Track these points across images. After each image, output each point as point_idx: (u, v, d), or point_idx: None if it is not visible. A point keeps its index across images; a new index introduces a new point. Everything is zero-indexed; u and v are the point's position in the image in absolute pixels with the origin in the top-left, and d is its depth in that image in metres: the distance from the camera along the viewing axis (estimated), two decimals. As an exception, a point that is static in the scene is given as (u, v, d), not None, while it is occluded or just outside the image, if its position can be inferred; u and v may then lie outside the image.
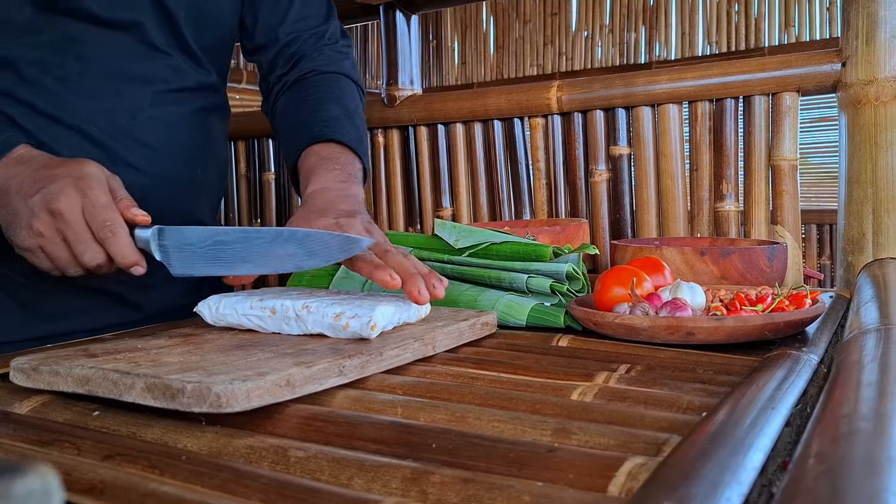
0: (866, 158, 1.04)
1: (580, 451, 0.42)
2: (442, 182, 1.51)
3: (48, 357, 0.60)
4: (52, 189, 0.70)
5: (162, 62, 0.97)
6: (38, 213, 0.70)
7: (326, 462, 0.43)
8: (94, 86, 0.91)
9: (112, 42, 0.92)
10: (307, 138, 0.97)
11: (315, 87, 1.06)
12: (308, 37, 1.09)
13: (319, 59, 1.09)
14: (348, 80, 1.10)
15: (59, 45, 0.90)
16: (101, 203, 0.70)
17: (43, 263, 0.74)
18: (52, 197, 0.70)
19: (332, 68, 1.09)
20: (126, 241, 0.71)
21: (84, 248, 0.71)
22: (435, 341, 0.69)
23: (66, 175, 0.71)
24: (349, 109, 1.03)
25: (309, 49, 1.09)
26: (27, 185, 0.72)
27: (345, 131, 0.98)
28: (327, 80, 1.07)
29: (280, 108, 1.08)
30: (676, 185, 1.26)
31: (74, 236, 0.70)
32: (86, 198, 0.70)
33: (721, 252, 0.93)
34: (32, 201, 0.71)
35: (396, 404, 0.53)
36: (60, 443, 0.48)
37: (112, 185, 0.73)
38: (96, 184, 0.71)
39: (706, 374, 0.62)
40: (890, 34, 1.02)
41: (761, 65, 1.19)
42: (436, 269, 0.96)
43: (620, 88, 1.29)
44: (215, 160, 1.08)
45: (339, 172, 0.91)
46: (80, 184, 0.71)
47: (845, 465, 0.31)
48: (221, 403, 0.48)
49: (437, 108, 1.49)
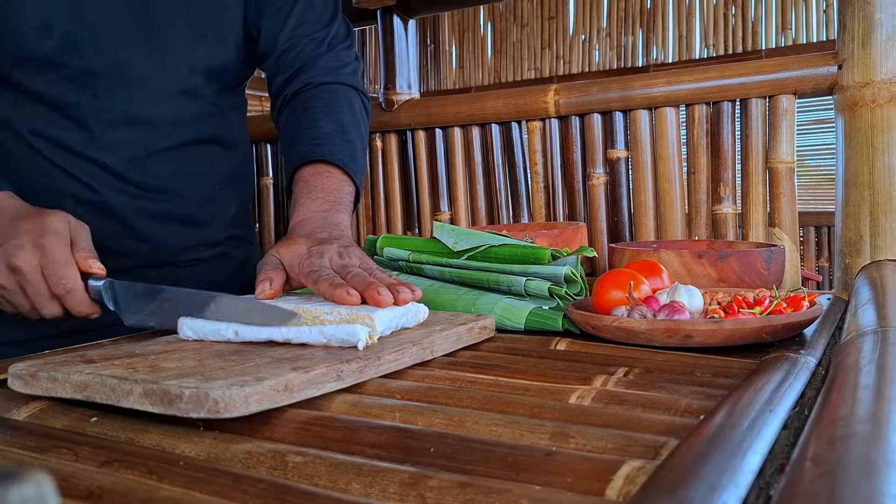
0: (863, 161, 1.04)
1: (578, 454, 0.42)
2: (440, 186, 1.51)
3: (46, 363, 0.60)
4: (13, 244, 0.74)
5: (176, 91, 0.99)
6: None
7: (324, 467, 0.43)
8: (110, 120, 0.95)
9: (127, 78, 0.95)
10: (297, 157, 0.99)
11: (310, 102, 1.06)
12: (307, 42, 1.09)
13: (317, 69, 1.08)
14: (346, 89, 1.09)
15: (77, 81, 0.93)
16: (58, 260, 0.74)
17: (6, 308, 0.78)
18: (12, 252, 0.74)
19: (328, 78, 1.08)
20: (80, 298, 0.75)
21: (42, 302, 0.75)
22: (433, 345, 0.69)
23: (28, 230, 0.75)
24: (343, 124, 1.03)
25: (308, 56, 1.09)
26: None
27: (335, 149, 0.99)
28: (323, 92, 1.07)
29: (281, 123, 1.10)
30: (674, 188, 1.26)
31: (33, 291, 0.74)
32: (44, 255, 0.74)
33: (719, 255, 0.93)
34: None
35: (394, 409, 0.53)
36: (58, 449, 0.48)
37: (75, 236, 0.77)
38: (56, 240, 0.74)
39: (704, 376, 0.62)
40: (886, 37, 1.03)
41: (758, 68, 1.20)
42: (434, 272, 0.96)
43: (618, 92, 1.29)
44: (236, 161, 1.11)
45: (321, 202, 0.93)
46: (40, 240, 0.74)
47: (842, 468, 0.31)
48: (219, 409, 0.48)
49: (435, 112, 1.49)
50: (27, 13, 0.89)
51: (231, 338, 0.67)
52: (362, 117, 1.09)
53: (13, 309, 0.78)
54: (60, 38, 0.90)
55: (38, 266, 0.74)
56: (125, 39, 0.95)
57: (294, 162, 1.00)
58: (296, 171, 0.99)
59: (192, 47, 1.00)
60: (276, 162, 1.76)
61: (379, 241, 1.03)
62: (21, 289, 0.75)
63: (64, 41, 0.91)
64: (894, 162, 1.02)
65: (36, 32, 0.89)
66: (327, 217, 0.91)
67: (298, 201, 0.94)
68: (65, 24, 0.90)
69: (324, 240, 0.83)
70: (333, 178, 0.97)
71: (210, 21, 1.01)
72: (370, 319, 0.63)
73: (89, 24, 0.92)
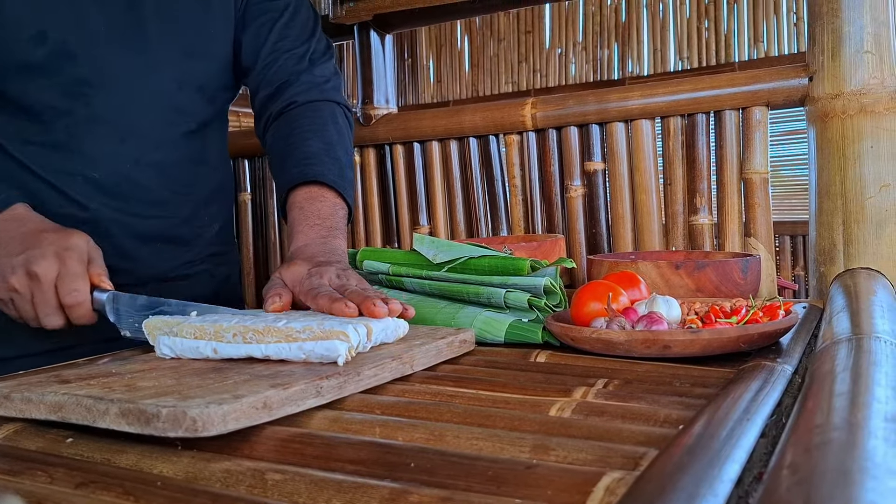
0: (835, 171, 1.06)
1: (558, 466, 0.42)
2: (419, 200, 1.52)
3: (20, 384, 0.59)
4: (36, 253, 0.78)
5: (165, 106, 1.00)
6: (17, 271, 0.79)
7: (304, 484, 0.43)
8: (101, 132, 0.96)
9: (119, 90, 0.96)
10: (289, 179, 1.01)
11: (296, 121, 1.07)
12: (288, 57, 1.10)
13: (300, 84, 1.09)
14: (330, 105, 1.10)
15: (69, 89, 0.93)
16: (75, 272, 0.79)
17: (9, 312, 0.82)
18: (33, 260, 0.78)
19: (312, 96, 1.09)
20: (85, 311, 0.80)
21: (46, 312, 0.79)
22: (413, 360, 0.69)
23: (51, 242, 0.79)
24: (330, 142, 1.05)
25: (290, 72, 1.09)
26: (15, 243, 0.80)
27: (326, 169, 1.00)
28: (308, 110, 1.08)
29: (268, 143, 1.11)
30: (651, 199, 1.27)
31: (42, 300, 0.79)
32: (63, 266, 0.78)
33: (696, 265, 0.94)
34: (15, 260, 0.79)
35: (374, 424, 0.53)
36: (33, 471, 0.48)
37: (91, 256, 0.82)
38: (76, 255, 0.80)
39: (683, 386, 0.63)
40: (854, 49, 1.05)
41: (731, 80, 1.21)
42: (414, 285, 0.96)
43: (594, 105, 1.30)
44: (220, 178, 1.13)
45: (319, 228, 0.95)
46: (63, 253, 0.79)
47: (817, 476, 0.31)
48: (197, 427, 0.48)
49: (413, 126, 1.49)
50: (23, 20, 0.90)
51: (210, 355, 0.67)
52: (347, 131, 1.11)
53: (14, 313, 0.82)
54: (54, 46, 0.91)
55: (54, 278, 0.78)
56: (118, 51, 0.95)
57: (286, 184, 1.01)
58: (289, 192, 1.00)
59: (182, 63, 1.01)
60: (254, 178, 1.75)
61: (359, 255, 1.02)
62: (31, 296, 0.79)
63: (57, 49, 0.91)
64: (865, 172, 1.03)
65: (30, 39, 0.90)
66: (325, 243, 0.93)
67: (297, 228, 0.96)
68: (59, 33, 0.91)
69: (322, 262, 0.86)
70: (327, 202, 0.98)
71: (200, 36, 1.02)
72: (345, 336, 0.62)
73: (83, 33, 0.93)
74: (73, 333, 0.94)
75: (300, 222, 0.96)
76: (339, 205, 1.00)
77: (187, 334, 0.67)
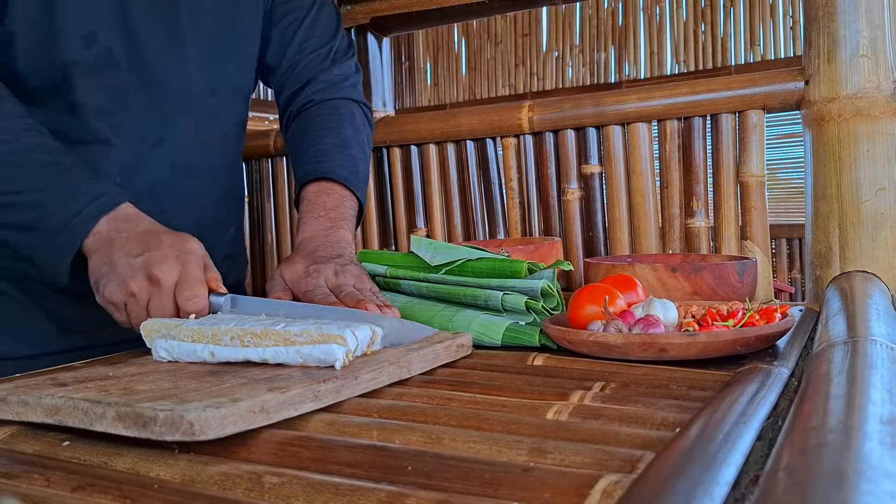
0: (831, 174, 1.06)
1: (556, 469, 0.42)
2: (416, 202, 1.52)
3: (17, 387, 0.59)
4: (157, 256, 0.75)
5: (199, 110, 1.00)
6: (137, 275, 0.75)
7: (301, 487, 0.43)
8: (141, 136, 0.95)
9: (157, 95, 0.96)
10: (302, 175, 1.04)
11: (312, 120, 1.09)
12: (312, 57, 1.11)
13: (319, 83, 1.11)
14: (348, 102, 1.12)
15: (114, 92, 0.93)
16: (195, 276, 0.76)
17: (120, 317, 0.78)
18: (155, 263, 0.75)
19: (330, 94, 1.11)
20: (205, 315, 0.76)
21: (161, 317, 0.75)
22: (410, 364, 0.69)
23: (171, 245, 0.77)
24: (345, 138, 1.06)
25: (312, 71, 1.11)
26: (133, 244, 0.77)
27: (337, 165, 1.02)
28: (325, 108, 1.10)
29: (288, 140, 1.13)
30: (647, 202, 1.28)
31: (159, 305, 0.75)
32: (184, 270, 0.76)
33: (692, 268, 0.94)
34: (135, 262, 0.75)
35: (372, 427, 0.53)
36: (29, 475, 0.48)
37: (206, 261, 0.80)
38: (195, 259, 0.77)
39: (679, 389, 0.63)
40: (850, 53, 1.05)
41: (728, 83, 1.21)
42: (411, 287, 0.96)
43: (591, 108, 1.30)
44: (233, 185, 1.13)
45: (323, 220, 0.97)
46: (183, 257, 0.76)
47: (814, 478, 0.31)
48: (195, 431, 0.48)
49: (410, 129, 1.49)
50: (76, 17, 0.89)
51: (207, 358, 0.67)
52: (364, 128, 1.13)
53: (125, 318, 0.77)
54: (102, 49, 0.91)
55: (174, 282, 0.75)
56: (160, 56, 0.95)
57: (299, 180, 1.03)
58: (301, 188, 1.02)
59: (216, 66, 1.01)
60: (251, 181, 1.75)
61: (356, 257, 1.03)
62: (148, 300, 0.75)
63: (104, 51, 0.91)
64: (861, 175, 1.04)
65: (82, 39, 0.90)
66: (329, 235, 0.94)
67: (303, 220, 0.98)
68: (107, 36, 0.91)
69: (322, 258, 0.87)
70: (335, 194, 1.00)
71: (234, 41, 1.03)
72: (342, 340, 0.63)
73: (129, 37, 0.93)
74: (92, 334, 0.94)
75: (307, 214, 0.98)
76: (349, 197, 1.01)
77: (185, 337, 0.67)
